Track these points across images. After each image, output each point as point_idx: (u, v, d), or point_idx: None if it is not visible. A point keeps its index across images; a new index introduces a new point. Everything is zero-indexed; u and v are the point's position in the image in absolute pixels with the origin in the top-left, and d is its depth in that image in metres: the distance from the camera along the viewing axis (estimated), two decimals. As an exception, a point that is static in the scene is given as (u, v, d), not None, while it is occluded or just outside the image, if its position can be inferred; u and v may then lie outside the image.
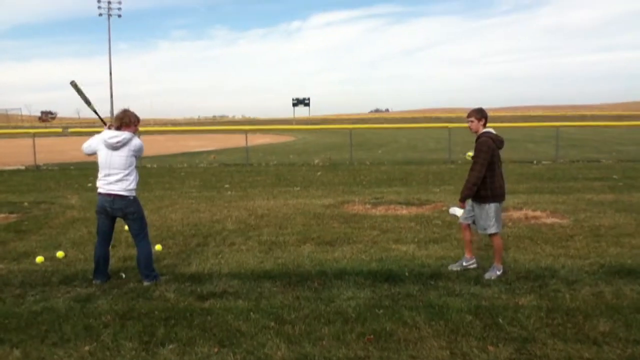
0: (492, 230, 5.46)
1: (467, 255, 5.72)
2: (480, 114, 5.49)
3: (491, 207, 5.43)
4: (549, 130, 28.57)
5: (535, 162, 18.03)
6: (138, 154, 5.34)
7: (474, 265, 5.65)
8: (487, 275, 5.36)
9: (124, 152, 5.22)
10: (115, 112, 5.50)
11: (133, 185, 5.31)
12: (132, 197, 5.30)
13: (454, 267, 5.65)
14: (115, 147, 5.20)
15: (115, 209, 5.28)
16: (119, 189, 5.23)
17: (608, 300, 4.69)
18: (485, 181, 5.37)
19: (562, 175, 14.22)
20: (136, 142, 5.30)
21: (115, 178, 5.22)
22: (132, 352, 3.82)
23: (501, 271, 5.43)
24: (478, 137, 5.48)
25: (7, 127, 69.42)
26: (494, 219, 5.44)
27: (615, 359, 3.65)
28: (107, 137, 5.22)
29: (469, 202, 5.64)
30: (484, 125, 5.51)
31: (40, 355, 3.82)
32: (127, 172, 5.24)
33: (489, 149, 5.33)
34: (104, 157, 5.25)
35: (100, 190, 5.31)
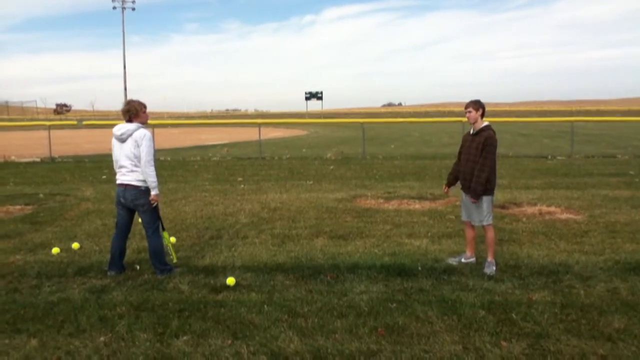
0: (489, 221, 5.48)
1: (467, 253, 5.74)
2: (478, 105, 5.45)
3: (488, 199, 5.46)
4: (564, 125, 28.29)
5: (550, 157, 17.87)
6: (143, 144, 5.22)
7: (472, 263, 5.63)
8: (487, 271, 5.35)
9: (130, 144, 5.27)
10: None
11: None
12: (143, 188, 5.32)
13: (452, 261, 5.67)
14: (122, 139, 5.29)
15: (127, 198, 5.34)
16: (130, 179, 5.30)
17: (623, 297, 4.65)
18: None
19: (577, 170, 14.09)
20: (140, 132, 5.27)
21: (126, 169, 5.31)
22: (147, 343, 3.86)
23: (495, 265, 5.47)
24: (480, 131, 5.42)
25: (23, 119, 70.19)
26: (489, 210, 5.49)
27: (630, 356, 3.62)
28: (115, 130, 5.35)
29: (462, 197, 5.69)
30: (482, 117, 5.47)
31: (57, 345, 3.87)
32: (135, 162, 5.27)
33: (496, 144, 5.36)
34: (116, 150, 5.38)
35: (117, 182, 5.42)
